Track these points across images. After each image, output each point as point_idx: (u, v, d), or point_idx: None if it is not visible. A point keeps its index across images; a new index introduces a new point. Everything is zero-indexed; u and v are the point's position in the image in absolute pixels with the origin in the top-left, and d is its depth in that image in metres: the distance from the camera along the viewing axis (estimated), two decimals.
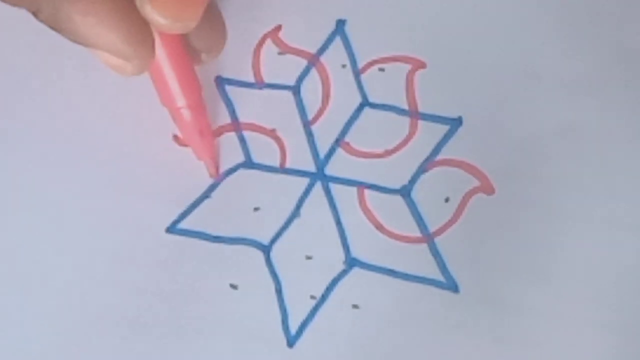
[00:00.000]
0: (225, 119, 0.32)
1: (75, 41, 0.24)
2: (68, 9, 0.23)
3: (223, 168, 0.31)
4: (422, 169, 0.31)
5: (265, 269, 0.30)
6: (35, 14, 0.23)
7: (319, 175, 0.31)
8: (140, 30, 0.24)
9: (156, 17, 0.23)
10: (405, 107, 0.32)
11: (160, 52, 0.27)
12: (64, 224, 0.31)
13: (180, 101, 0.29)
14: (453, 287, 0.30)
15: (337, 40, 0.32)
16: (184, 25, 0.24)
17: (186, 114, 0.29)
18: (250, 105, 0.32)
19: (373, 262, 0.30)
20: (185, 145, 0.31)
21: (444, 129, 0.31)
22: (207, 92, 0.31)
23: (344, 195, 0.31)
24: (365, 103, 0.32)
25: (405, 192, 0.31)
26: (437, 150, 0.31)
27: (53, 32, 0.25)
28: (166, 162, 0.31)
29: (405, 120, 0.31)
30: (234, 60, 0.32)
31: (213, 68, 0.32)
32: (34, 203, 0.31)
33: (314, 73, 0.32)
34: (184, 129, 0.30)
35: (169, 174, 0.31)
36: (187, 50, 0.29)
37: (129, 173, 0.31)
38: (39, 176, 0.31)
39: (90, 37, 0.24)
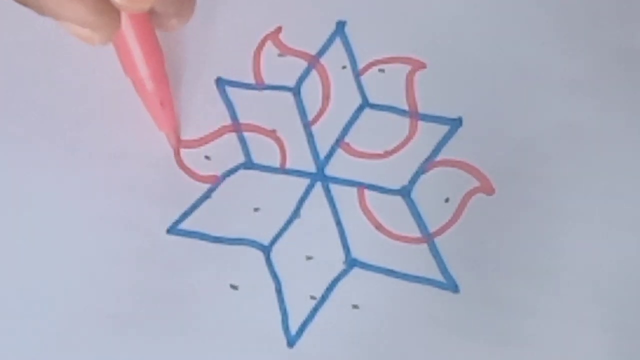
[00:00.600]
0: (225, 119, 0.32)
1: (42, 14, 0.25)
2: None
3: (224, 168, 0.31)
4: (422, 169, 0.31)
5: (266, 270, 0.30)
6: None
7: (319, 176, 0.31)
8: (106, 2, 0.25)
9: None
10: (405, 107, 0.32)
11: (125, 22, 0.28)
12: (65, 224, 0.31)
13: (143, 71, 0.29)
14: (453, 287, 0.30)
15: (337, 42, 0.32)
16: (139, 8, 0.25)
17: (148, 84, 0.30)
18: (251, 106, 0.32)
19: (373, 263, 0.30)
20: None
21: (443, 129, 0.31)
22: (208, 93, 0.32)
23: (344, 195, 0.31)
24: (365, 104, 0.32)
25: (405, 192, 0.31)
26: (437, 150, 0.31)
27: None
28: (167, 163, 0.31)
29: (405, 121, 0.31)
30: (234, 62, 0.32)
31: (214, 69, 0.32)
32: (34, 204, 0.31)
33: (314, 74, 0.32)
34: (145, 99, 0.30)
35: (169, 175, 0.31)
36: (151, 20, 0.29)
37: (130, 174, 0.31)
38: (38, 176, 0.31)
39: (56, 9, 0.24)
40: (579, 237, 0.30)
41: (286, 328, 0.30)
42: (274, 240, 0.31)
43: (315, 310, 0.30)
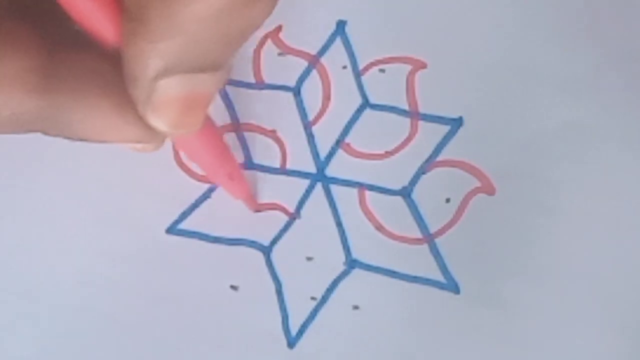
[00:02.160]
0: (225, 119, 0.32)
1: (90, 142, 0.23)
2: (72, 122, 0.22)
3: None
4: (423, 169, 0.31)
5: (266, 270, 0.30)
6: (44, 133, 0.23)
7: (320, 176, 0.31)
8: None
9: (159, 126, 0.22)
10: (406, 107, 0.31)
11: None
12: (63, 223, 0.31)
13: (206, 157, 0.28)
14: (454, 288, 0.30)
15: (338, 41, 0.32)
16: (187, 133, 0.23)
17: (214, 164, 0.28)
18: (251, 106, 0.32)
19: (374, 263, 0.30)
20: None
21: (444, 129, 0.31)
22: None
23: (345, 196, 0.31)
24: (365, 104, 0.32)
25: (405, 192, 0.31)
26: (437, 150, 0.31)
27: None
28: (166, 162, 0.31)
29: (406, 121, 0.31)
30: (234, 61, 0.32)
31: None
32: (33, 203, 0.31)
33: (314, 74, 0.32)
34: (214, 178, 0.30)
35: (169, 174, 0.31)
36: None
37: (129, 173, 0.31)
38: (38, 176, 0.31)
39: (101, 137, 0.23)
40: (580, 237, 0.30)
41: (286, 329, 0.30)
42: (274, 241, 0.31)
43: (315, 311, 0.30)
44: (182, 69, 0.21)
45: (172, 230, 0.31)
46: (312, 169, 0.31)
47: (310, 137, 0.32)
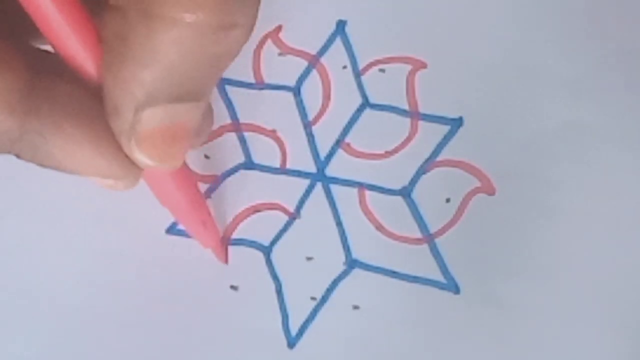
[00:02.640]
0: (225, 119, 0.32)
1: (60, 171, 0.23)
2: (48, 148, 0.22)
3: (224, 168, 0.31)
4: (423, 169, 0.31)
5: (266, 270, 0.30)
6: (17, 156, 0.23)
7: (320, 176, 0.31)
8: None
9: (142, 159, 0.22)
10: (406, 107, 0.31)
11: None
12: (63, 223, 0.31)
13: (179, 201, 0.28)
14: (454, 288, 0.30)
15: (338, 41, 0.32)
16: (169, 166, 0.23)
17: (187, 211, 0.28)
18: (251, 106, 0.32)
19: (374, 263, 0.30)
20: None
21: (444, 129, 0.31)
22: None
23: (345, 196, 0.31)
24: (365, 104, 0.32)
25: (405, 192, 0.31)
26: (437, 150, 0.31)
27: None
28: None
29: (406, 121, 0.31)
30: (234, 61, 0.32)
31: None
32: (33, 203, 0.31)
33: (314, 74, 0.32)
34: (185, 223, 0.29)
35: None
36: None
37: None
38: (38, 176, 0.31)
39: (75, 168, 0.23)
40: (580, 237, 0.30)
41: (286, 329, 0.30)
42: (274, 241, 0.31)
43: (315, 311, 0.30)
44: (164, 98, 0.21)
45: (172, 230, 0.31)
46: (312, 168, 0.31)
47: (310, 137, 0.31)
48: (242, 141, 0.31)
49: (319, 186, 0.31)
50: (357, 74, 0.32)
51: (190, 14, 0.19)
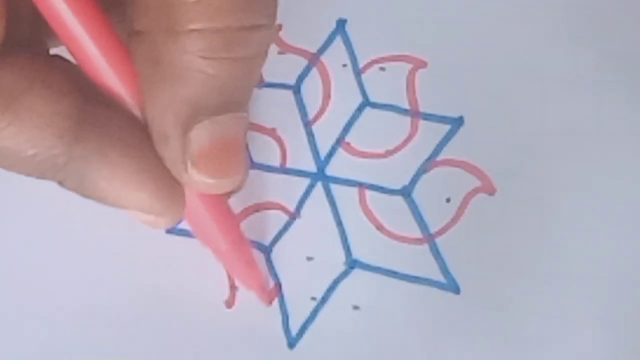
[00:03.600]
0: None
1: (102, 203, 0.23)
2: (93, 177, 0.22)
3: None
4: (423, 169, 0.31)
5: (266, 270, 0.30)
6: (60, 184, 0.23)
7: (320, 176, 0.31)
8: (170, 185, 0.23)
9: (203, 180, 0.22)
10: (406, 106, 0.31)
11: (193, 199, 0.25)
12: (63, 223, 0.31)
13: (222, 242, 0.27)
14: (454, 288, 0.30)
15: (338, 40, 0.32)
16: (232, 180, 0.23)
17: (229, 252, 0.28)
18: (250, 105, 0.31)
19: (374, 263, 0.30)
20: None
21: (445, 128, 0.31)
22: None
23: (345, 195, 0.31)
24: (366, 103, 0.32)
25: (406, 192, 0.31)
26: (438, 150, 0.31)
27: None
28: None
29: (406, 120, 0.31)
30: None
31: None
32: (32, 203, 0.31)
33: (314, 72, 0.32)
34: (227, 264, 0.29)
35: None
36: None
37: None
38: None
39: (118, 199, 0.23)
40: (579, 238, 0.30)
41: (287, 329, 0.30)
42: (274, 241, 0.30)
43: (316, 311, 0.30)
44: (208, 112, 0.21)
45: (172, 230, 0.30)
46: (312, 168, 0.31)
47: (310, 135, 0.31)
48: None
49: (319, 185, 0.31)
50: (358, 73, 0.32)
51: (212, 22, 0.20)
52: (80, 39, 0.21)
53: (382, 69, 0.32)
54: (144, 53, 0.21)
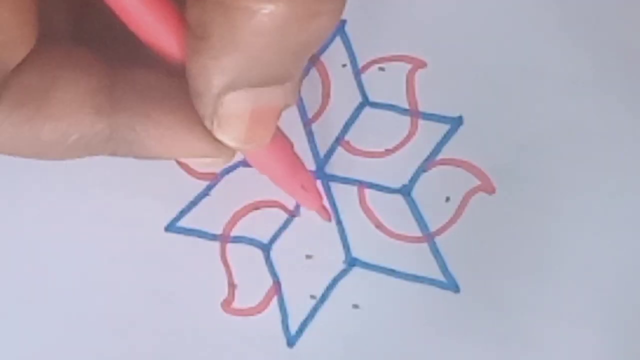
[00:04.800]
0: None
1: (158, 159, 0.24)
2: (141, 140, 0.22)
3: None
4: (423, 168, 0.31)
5: (265, 268, 0.30)
6: (113, 154, 0.23)
7: (319, 174, 0.31)
8: None
9: (227, 141, 0.22)
10: (406, 106, 0.31)
11: None
12: (62, 222, 0.31)
13: (278, 168, 0.28)
14: (453, 287, 0.30)
15: (337, 40, 0.32)
16: (254, 147, 0.23)
17: (287, 176, 0.28)
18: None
19: (373, 262, 0.30)
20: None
21: (444, 128, 0.31)
22: None
23: (344, 194, 0.31)
24: (365, 102, 0.32)
25: (405, 191, 0.31)
26: (437, 149, 0.31)
27: None
28: (165, 160, 0.31)
29: (406, 120, 0.31)
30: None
31: None
32: (32, 202, 0.31)
33: (313, 72, 0.32)
34: (286, 188, 0.29)
35: (167, 172, 0.31)
36: None
37: (127, 171, 0.31)
38: (38, 175, 0.31)
39: (170, 153, 0.23)
40: (579, 237, 0.30)
41: (286, 327, 0.30)
42: (273, 239, 0.30)
43: (315, 309, 0.30)
44: (246, 83, 0.21)
45: (171, 228, 0.30)
46: (311, 166, 0.31)
47: (310, 134, 0.31)
48: None
49: (318, 184, 0.31)
50: (357, 72, 0.32)
51: (269, 4, 0.19)
52: None
53: (382, 69, 0.32)
54: (194, 16, 0.20)
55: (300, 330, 0.30)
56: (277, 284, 0.30)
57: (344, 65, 0.32)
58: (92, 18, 0.21)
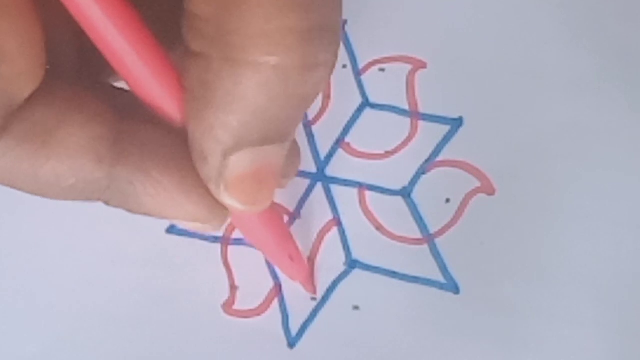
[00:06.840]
0: None
1: (149, 216, 0.23)
2: (137, 195, 0.22)
3: None
4: (423, 169, 0.31)
5: (266, 270, 0.30)
6: (105, 204, 0.23)
7: (320, 176, 0.31)
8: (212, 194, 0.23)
9: (233, 204, 0.22)
10: (406, 107, 0.31)
11: None
12: (63, 223, 0.31)
13: (268, 239, 0.27)
14: (454, 288, 0.30)
15: None
16: (258, 209, 0.23)
17: (275, 246, 0.28)
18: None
19: (374, 264, 0.30)
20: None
21: (444, 129, 0.31)
22: None
23: (345, 196, 0.31)
24: (365, 103, 0.32)
25: (405, 193, 0.31)
26: (437, 150, 0.31)
27: None
28: None
29: (406, 121, 0.31)
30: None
31: None
32: (33, 202, 0.31)
33: None
34: (273, 258, 0.29)
35: None
36: None
37: None
38: None
39: (163, 213, 0.23)
40: (580, 237, 0.30)
41: (287, 329, 0.30)
42: None
43: (316, 311, 0.30)
44: (251, 142, 0.21)
45: (172, 230, 0.31)
46: (312, 168, 0.31)
47: (310, 136, 0.31)
48: None
49: (319, 186, 0.31)
50: (357, 74, 0.32)
51: (273, 57, 0.19)
52: (128, 55, 0.21)
53: (382, 69, 0.32)
54: (197, 74, 0.20)
55: (301, 332, 0.30)
56: (278, 285, 0.30)
57: (344, 67, 0.32)
58: (99, 56, 0.21)
